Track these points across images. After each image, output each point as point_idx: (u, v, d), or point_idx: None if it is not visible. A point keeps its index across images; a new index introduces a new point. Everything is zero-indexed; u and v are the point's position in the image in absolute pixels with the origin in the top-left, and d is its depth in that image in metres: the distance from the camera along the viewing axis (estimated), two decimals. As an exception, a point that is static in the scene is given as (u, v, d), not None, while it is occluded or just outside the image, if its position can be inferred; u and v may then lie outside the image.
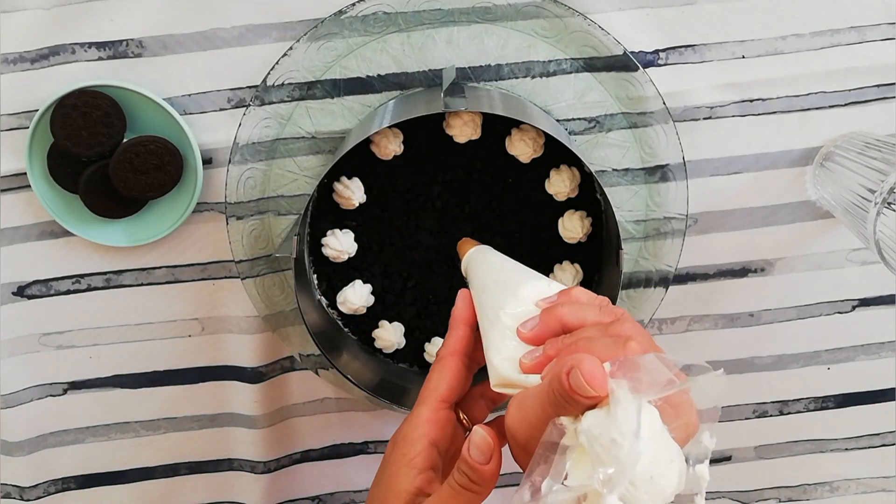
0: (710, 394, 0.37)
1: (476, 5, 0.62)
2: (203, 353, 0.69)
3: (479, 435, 0.42)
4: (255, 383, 0.69)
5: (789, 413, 0.72)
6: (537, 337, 0.44)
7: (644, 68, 0.63)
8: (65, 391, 0.70)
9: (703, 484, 0.37)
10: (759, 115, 0.65)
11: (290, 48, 0.62)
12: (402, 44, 0.62)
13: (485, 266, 0.54)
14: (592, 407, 0.36)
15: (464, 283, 0.65)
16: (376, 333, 0.66)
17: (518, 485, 0.36)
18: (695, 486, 0.37)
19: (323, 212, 0.64)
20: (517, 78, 0.63)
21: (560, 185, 0.62)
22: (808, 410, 0.72)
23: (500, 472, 0.43)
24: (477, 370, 0.50)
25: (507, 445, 0.42)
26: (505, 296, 0.47)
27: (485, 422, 0.50)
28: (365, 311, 0.65)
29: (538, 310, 0.45)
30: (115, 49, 0.63)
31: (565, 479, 0.36)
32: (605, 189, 0.58)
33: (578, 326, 0.43)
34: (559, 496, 0.35)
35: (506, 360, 0.43)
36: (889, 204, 0.57)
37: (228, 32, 0.63)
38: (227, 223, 0.65)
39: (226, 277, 0.67)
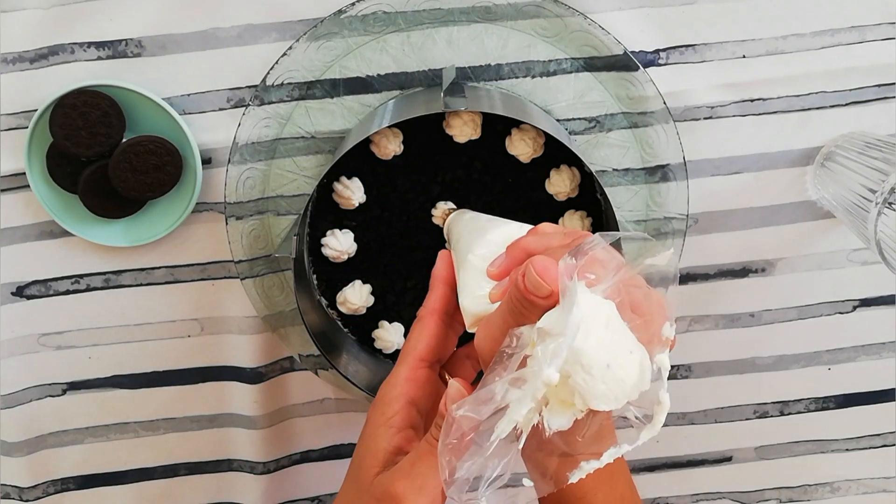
0: (665, 269, 0.37)
1: (476, 5, 0.62)
2: (202, 353, 0.69)
3: (455, 388, 0.42)
4: (255, 384, 0.69)
5: (790, 413, 0.72)
6: (505, 270, 0.44)
7: (644, 68, 0.63)
8: (64, 391, 0.70)
9: (665, 374, 0.37)
10: (759, 115, 0.65)
11: (290, 48, 0.62)
12: (401, 43, 0.62)
13: (461, 223, 0.54)
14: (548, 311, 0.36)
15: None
16: (376, 333, 0.66)
17: None
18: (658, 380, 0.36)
19: (323, 212, 0.64)
20: (517, 78, 0.63)
21: (560, 184, 0.62)
22: (809, 411, 0.72)
23: None
24: (462, 331, 0.50)
25: None
26: (475, 240, 0.47)
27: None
28: (365, 311, 0.65)
29: (504, 249, 0.45)
30: (114, 49, 0.63)
31: (519, 381, 0.35)
32: (605, 189, 0.58)
33: (543, 253, 0.42)
34: (512, 392, 0.35)
35: (476, 299, 0.43)
36: (890, 204, 0.57)
37: (228, 32, 0.62)
38: (227, 223, 0.65)
39: (225, 278, 0.67)
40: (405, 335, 0.66)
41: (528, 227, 0.47)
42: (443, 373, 0.50)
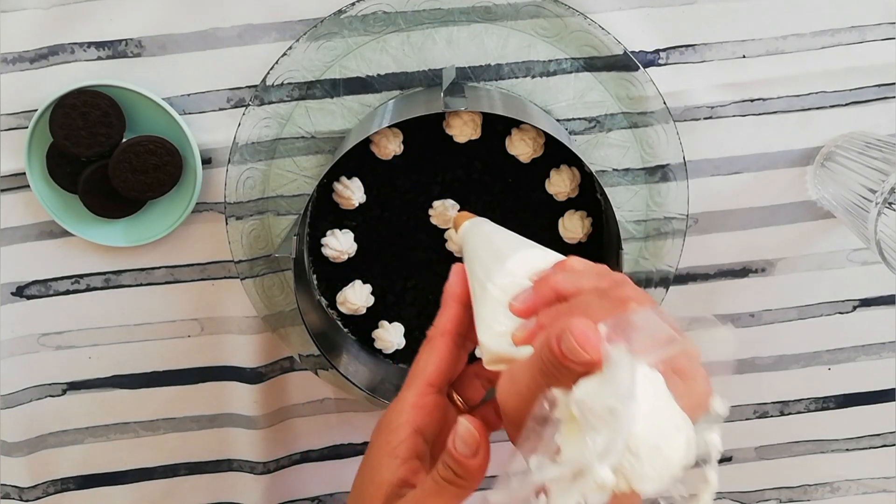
0: (719, 350, 0.34)
1: (476, 5, 0.62)
2: (202, 353, 0.69)
3: (465, 427, 0.39)
4: (255, 384, 0.69)
5: (790, 413, 0.72)
6: (530, 309, 0.40)
7: (644, 68, 0.63)
8: (64, 391, 0.70)
9: (715, 453, 0.34)
10: (759, 114, 0.65)
11: (290, 48, 0.62)
12: (401, 43, 0.62)
13: (477, 238, 0.50)
14: (585, 376, 0.33)
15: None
16: (376, 334, 0.66)
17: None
18: (704, 457, 0.34)
19: (323, 212, 0.64)
20: (517, 78, 0.63)
21: (560, 184, 0.62)
22: (809, 411, 0.72)
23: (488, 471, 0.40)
24: (472, 349, 0.47)
25: (497, 433, 0.40)
26: (493, 266, 0.43)
27: (479, 402, 0.48)
28: (365, 311, 0.65)
29: (529, 282, 0.42)
30: (114, 49, 0.62)
31: (556, 454, 0.33)
32: (605, 189, 0.58)
33: (575, 294, 0.40)
34: (549, 472, 0.32)
35: (497, 336, 0.40)
36: (890, 204, 0.57)
37: (227, 32, 0.62)
38: (227, 223, 0.65)
39: (225, 278, 0.67)
40: (405, 335, 0.66)
41: (552, 254, 0.44)
42: (451, 392, 0.47)
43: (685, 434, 0.33)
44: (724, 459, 0.74)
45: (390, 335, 0.65)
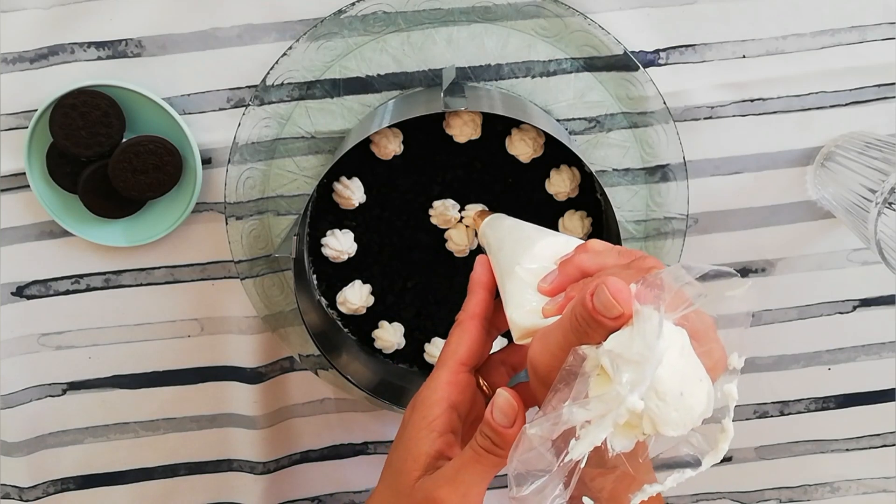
0: (741, 304, 0.36)
1: (476, 5, 0.62)
2: (202, 353, 0.69)
3: (504, 397, 0.42)
4: (255, 384, 0.69)
5: (790, 413, 0.72)
6: (558, 288, 0.43)
7: (644, 68, 0.63)
8: (64, 391, 0.70)
9: (732, 403, 0.37)
10: (759, 115, 0.65)
11: (290, 48, 0.62)
12: (401, 43, 0.62)
13: (500, 229, 0.53)
14: (615, 332, 0.36)
15: (466, 287, 0.65)
16: (376, 334, 0.66)
17: None
18: (722, 408, 0.37)
19: (322, 212, 0.64)
20: (517, 78, 0.63)
21: (560, 184, 0.62)
22: (809, 411, 0.72)
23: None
24: (497, 336, 0.50)
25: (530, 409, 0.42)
26: (521, 251, 0.47)
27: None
28: (365, 311, 0.65)
29: (553, 264, 0.44)
30: (114, 49, 0.62)
31: (587, 401, 0.35)
32: (605, 189, 0.58)
33: (599, 271, 0.42)
34: (580, 414, 0.34)
35: (527, 313, 0.43)
36: (890, 204, 0.57)
37: (227, 32, 0.62)
38: (227, 223, 0.65)
39: (225, 278, 0.67)
40: (405, 335, 0.66)
41: (575, 240, 0.47)
42: (478, 377, 0.49)
43: (706, 386, 0.36)
44: (725, 459, 0.73)
45: (390, 335, 0.65)
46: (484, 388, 0.49)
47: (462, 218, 0.64)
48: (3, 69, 0.62)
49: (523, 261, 0.45)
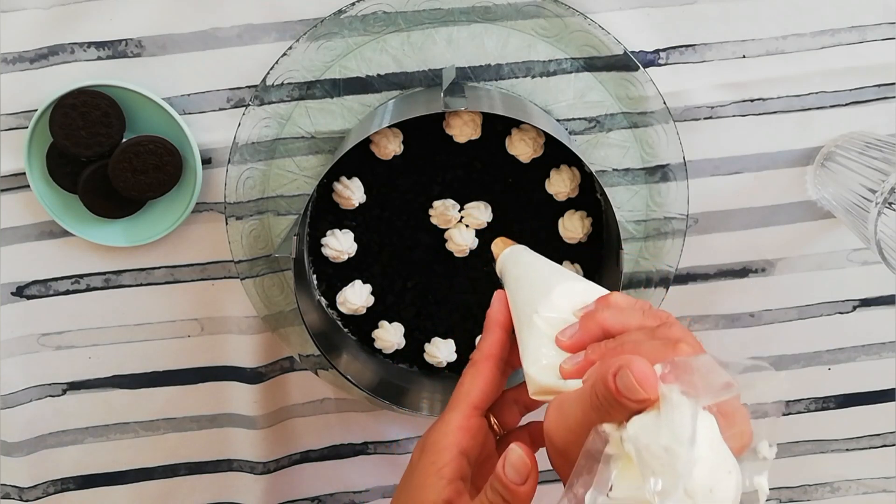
0: (770, 394, 0.35)
1: (476, 5, 0.62)
2: (202, 353, 0.69)
3: (517, 454, 0.40)
4: (255, 384, 0.69)
5: (790, 413, 0.72)
6: (577, 344, 0.41)
7: (644, 68, 0.63)
8: (64, 391, 0.70)
9: (762, 497, 0.35)
10: (759, 115, 0.65)
11: (290, 48, 0.62)
12: (401, 43, 0.62)
13: (519, 266, 0.51)
14: (638, 413, 0.34)
15: (466, 287, 0.65)
16: (376, 334, 0.66)
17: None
18: (752, 500, 0.35)
19: (322, 212, 0.64)
20: (517, 78, 0.63)
21: (560, 185, 0.62)
22: (809, 411, 0.72)
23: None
24: (512, 373, 0.49)
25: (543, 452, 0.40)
26: (539, 297, 0.45)
27: (518, 426, 0.49)
28: (365, 311, 0.65)
29: (573, 315, 0.43)
30: (114, 49, 0.62)
31: (610, 490, 0.33)
32: (605, 189, 0.57)
33: (621, 331, 0.41)
34: (599, 499, 0.33)
35: (543, 369, 0.41)
36: (890, 204, 0.57)
37: (227, 32, 0.62)
38: (227, 223, 0.64)
39: (225, 278, 0.67)
40: (405, 335, 0.66)
41: (595, 288, 0.45)
42: (489, 416, 0.48)
43: (735, 477, 0.34)
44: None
45: (390, 335, 0.65)
46: (495, 426, 0.48)
47: (462, 218, 0.64)
48: (3, 69, 0.62)
49: (541, 308, 0.44)
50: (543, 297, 0.44)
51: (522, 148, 0.62)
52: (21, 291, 0.67)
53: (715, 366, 0.33)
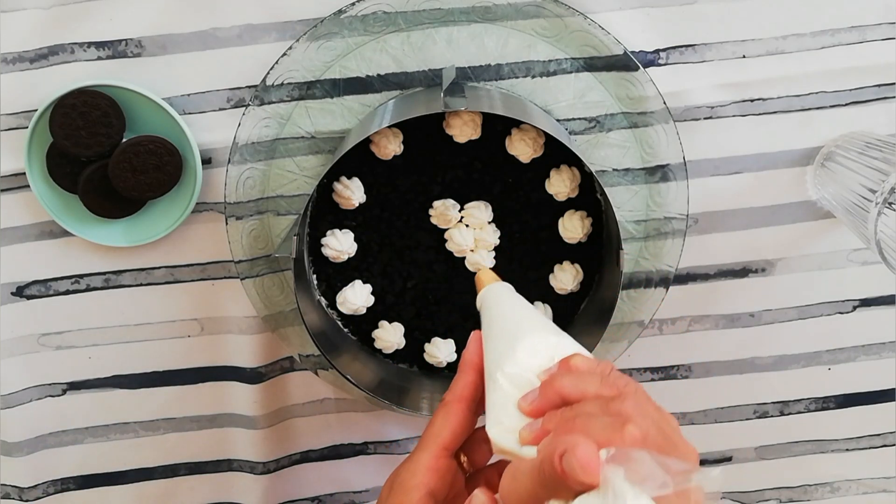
0: (708, 486, 0.36)
1: (476, 5, 0.62)
2: (202, 353, 0.69)
3: (481, 501, 0.41)
4: (255, 384, 0.69)
5: (790, 413, 0.72)
6: (537, 410, 0.42)
7: (644, 68, 0.63)
8: (64, 391, 0.70)
9: None
10: (759, 115, 0.65)
11: (290, 48, 0.62)
12: (401, 43, 0.62)
13: (494, 309, 0.52)
14: (583, 493, 0.35)
15: (466, 287, 0.65)
16: (376, 334, 0.66)
17: None
18: None
19: (323, 212, 0.64)
20: (517, 78, 0.63)
21: (560, 185, 0.62)
22: (809, 411, 0.72)
23: None
24: (483, 413, 0.49)
25: None
26: (505, 349, 0.46)
27: (487, 463, 0.50)
28: (365, 311, 0.65)
29: (536, 378, 0.44)
30: (114, 49, 0.63)
31: None
32: (605, 189, 0.57)
33: (578, 399, 0.42)
34: None
35: (504, 431, 0.42)
36: (890, 204, 0.57)
37: (227, 32, 0.62)
38: (227, 223, 0.65)
39: (225, 278, 0.67)
40: (405, 335, 0.66)
41: (562, 343, 0.46)
42: (459, 454, 0.49)
43: None
44: (725, 459, 0.74)
45: (390, 335, 0.65)
46: (464, 464, 0.49)
47: (462, 218, 0.64)
48: (3, 69, 0.62)
49: (506, 365, 0.44)
50: (509, 351, 0.45)
51: (522, 148, 0.62)
52: (21, 291, 0.67)
53: (652, 463, 0.35)
